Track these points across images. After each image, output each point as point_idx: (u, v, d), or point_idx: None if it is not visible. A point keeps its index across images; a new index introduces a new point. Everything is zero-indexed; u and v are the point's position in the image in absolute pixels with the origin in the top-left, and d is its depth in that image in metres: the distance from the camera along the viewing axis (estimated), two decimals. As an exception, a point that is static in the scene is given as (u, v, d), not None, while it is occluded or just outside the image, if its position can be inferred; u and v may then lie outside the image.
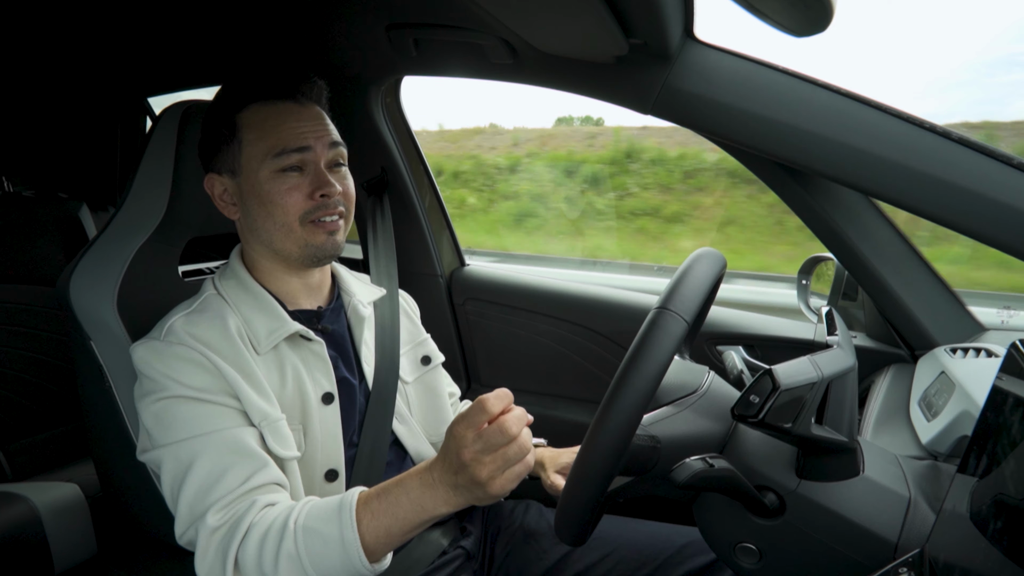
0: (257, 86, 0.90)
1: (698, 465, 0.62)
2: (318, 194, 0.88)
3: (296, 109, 0.90)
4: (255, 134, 0.89)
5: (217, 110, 0.92)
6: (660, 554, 0.99)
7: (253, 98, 0.90)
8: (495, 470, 0.66)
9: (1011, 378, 0.57)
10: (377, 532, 0.72)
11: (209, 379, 0.82)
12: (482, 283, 1.60)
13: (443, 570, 0.99)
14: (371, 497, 0.73)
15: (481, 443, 0.65)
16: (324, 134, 0.90)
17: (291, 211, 0.88)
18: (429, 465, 0.72)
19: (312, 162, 0.89)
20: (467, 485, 0.68)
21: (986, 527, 0.51)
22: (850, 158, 0.87)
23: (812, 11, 0.75)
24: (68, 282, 0.97)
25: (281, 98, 0.90)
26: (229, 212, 0.94)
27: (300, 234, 0.89)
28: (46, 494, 1.42)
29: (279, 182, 0.88)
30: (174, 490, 0.79)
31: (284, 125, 0.88)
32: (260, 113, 0.89)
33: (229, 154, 0.90)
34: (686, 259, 0.67)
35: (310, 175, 0.89)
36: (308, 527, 0.72)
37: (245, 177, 0.90)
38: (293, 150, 0.88)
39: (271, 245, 0.91)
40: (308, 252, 0.90)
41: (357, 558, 0.71)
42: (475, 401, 0.67)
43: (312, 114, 0.91)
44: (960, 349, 1.00)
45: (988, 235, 0.83)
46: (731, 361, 1.06)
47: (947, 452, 0.81)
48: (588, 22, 0.83)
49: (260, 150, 0.88)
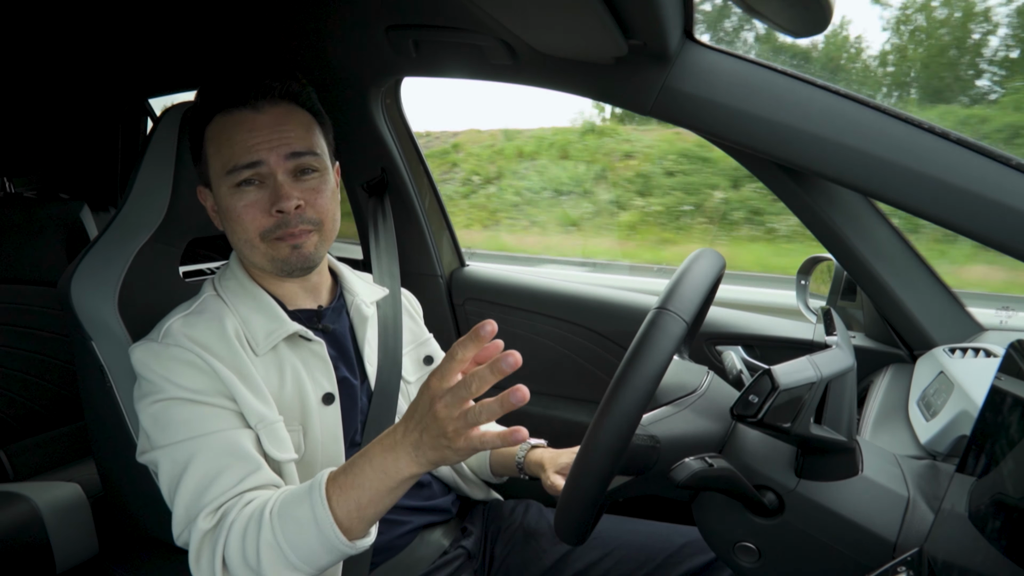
0: (218, 95, 0.87)
1: (697, 465, 0.62)
2: (274, 210, 0.84)
3: (250, 118, 0.85)
4: (213, 148, 0.87)
5: (190, 122, 0.91)
6: (659, 553, 1.00)
7: (215, 109, 0.87)
8: (460, 427, 0.62)
9: (1010, 378, 0.57)
10: (348, 506, 0.70)
11: (206, 381, 0.82)
12: (482, 283, 1.61)
13: (444, 570, 0.99)
14: (338, 473, 0.72)
15: (450, 395, 0.62)
16: (279, 143, 0.85)
17: (250, 228, 0.85)
18: (391, 428, 0.70)
19: (269, 175, 0.85)
20: (432, 442, 0.64)
21: (984, 526, 0.51)
22: (849, 159, 0.88)
23: (811, 11, 0.75)
24: (69, 282, 0.97)
25: (236, 106, 0.85)
26: (216, 222, 0.93)
27: (264, 250, 0.87)
28: (48, 494, 1.43)
29: (236, 198, 0.85)
30: (171, 491, 0.79)
31: (235, 138, 0.84)
32: (218, 125, 0.86)
33: (203, 167, 0.90)
34: (685, 259, 0.68)
35: (269, 188, 0.85)
36: (282, 514, 0.72)
37: (214, 191, 0.89)
38: (244, 166, 0.84)
39: (245, 259, 0.91)
40: (276, 266, 0.88)
41: (333, 535, 0.70)
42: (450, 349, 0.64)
43: (269, 121, 0.85)
44: (959, 349, 1.00)
45: (987, 236, 0.83)
46: (730, 361, 1.06)
47: (946, 452, 0.81)
48: (587, 23, 0.83)
49: (217, 166, 0.86)
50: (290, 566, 0.71)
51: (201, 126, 0.89)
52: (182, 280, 1.09)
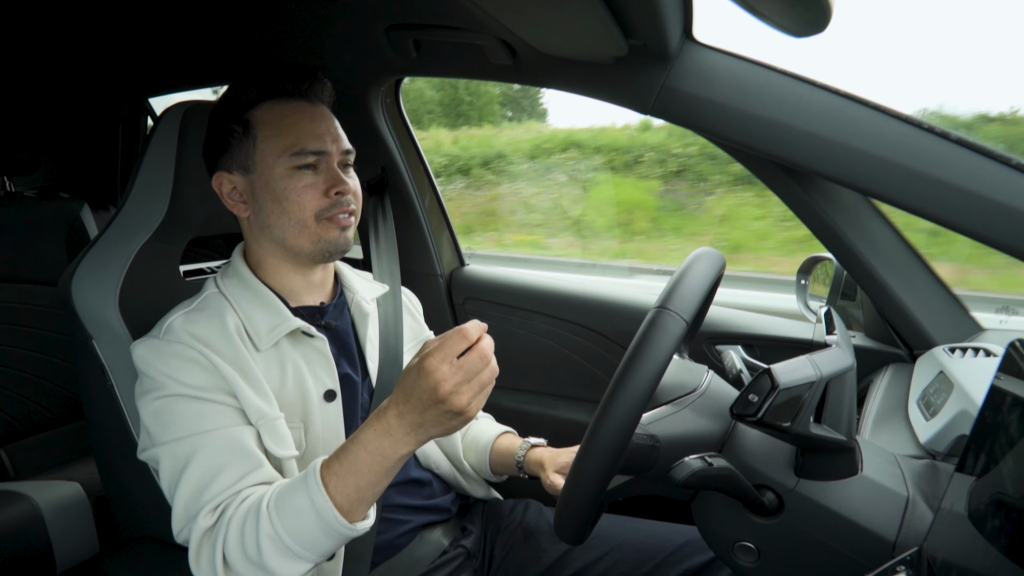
0: (271, 84, 0.91)
1: (697, 464, 0.62)
2: (333, 192, 0.90)
3: (309, 109, 0.92)
4: (271, 131, 0.90)
5: (228, 107, 0.93)
6: (659, 553, 1.00)
7: (267, 96, 0.91)
8: (472, 396, 0.67)
9: (1009, 377, 0.57)
10: (347, 491, 0.71)
11: (207, 377, 0.82)
12: (482, 283, 1.61)
13: (444, 569, 0.99)
14: (331, 461, 0.73)
15: (462, 373, 0.66)
16: (337, 137, 0.93)
17: (307, 208, 0.89)
18: (381, 412, 0.71)
19: (324, 163, 0.91)
20: (437, 419, 0.68)
21: (984, 526, 0.51)
22: (848, 158, 0.88)
23: (811, 12, 0.75)
24: (70, 281, 0.97)
25: (294, 97, 0.92)
26: (239, 210, 0.94)
27: (314, 230, 0.90)
28: (48, 492, 1.43)
29: (295, 179, 0.89)
30: (171, 488, 0.79)
31: (300, 124, 0.90)
32: (274, 111, 0.90)
33: (241, 151, 0.91)
34: (685, 259, 0.68)
35: (323, 173, 0.91)
36: (280, 505, 0.73)
37: (259, 174, 0.90)
38: (311, 151, 0.89)
39: (283, 242, 0.92)
40: (320, 247, 0.91)
41: (334, 520, 0.71)
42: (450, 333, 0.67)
43: (324, 115, 0.93)
44: (959, 349, 1.00)
45: (986, 235, 0.83)
46: (730, 360, 1.06)
47: (945, 451, 0.81)
48: (587, 23, 0.83)
49: (276, 147, 0.89)
50: (292, 555, 0.72)
51: (242, 110, 0.91)
52: (183, 279, 1.09)
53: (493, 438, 1.12)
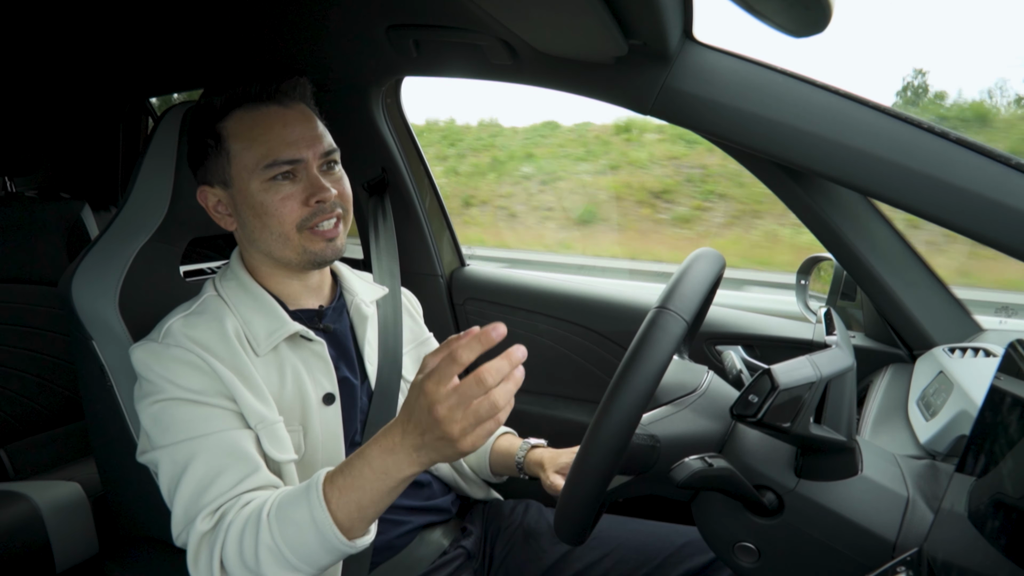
0: (238, 91, 0.87)
1: (697, 464, 0.62)
2: (313, 200, 0.86)
3: (282, 113, 0.87)
4: (242, 144, 0.86)
5: (199, 118, 0.90)
6: (659, 553, 1.00)
7: (235, 103, 0.87)
8: (468, 426, 0.62)
9: (1009, 378, 0.57)
10: (348, 508, 0.70)
11: (206, 381, 0.82)
12: (482, 283, 1.61)
13: (444, 569, 0.99)
14: (336, 474, 0.72)
15: (456, 397, 0.62)
16: (315, 141, 0.88)
17: (287, 220, 0.86)
18: (388, 430, 0.70)
19: (303, 170, 0.87)
20: (434, 444, 0.65)
21: (984, 526, 0.51)
22: (848, 158, 0.88)
23: (811, 12, 0.75)
24: (70, 282, 0.97)
25: (264, 101, 0.88)
26: (226, 223, 0.92)
27: (298, 242, 0.88)
28: (48, 493, 1.43)
29: (272, 192, 0.86)
30: (170, 492, 0.79)
31: (271, 132, 0.86)
32: (244, 121, 0.87)
33: (218, 166, 0.88)
34: (685, 259, 0.68)
35: (302, 182, 0.87)
36: (280, 516, 0.72)
37: (237, 189, 0.88)
38: (285, 161, 0.85)
39: (270, 255, 0.90)
40: (306, 258, 0.89)
41: (333, 536, 0.70)
42: (442, 347, 0.64)
43: (299, 117, 0.89)
44: (958, 349, 1.00)
45: (986, 235, 0.83)
46: (730, 361, 1.06)
47: (945, 451, 0.81)
48: (587, 23, 0.83)
49: (249, 160, 0.86)
50: (290, 567, 0.71)
51: (213, 122, 0.88)
52: (183, 280, 1.09)
53: (493, 439, 1.12)
